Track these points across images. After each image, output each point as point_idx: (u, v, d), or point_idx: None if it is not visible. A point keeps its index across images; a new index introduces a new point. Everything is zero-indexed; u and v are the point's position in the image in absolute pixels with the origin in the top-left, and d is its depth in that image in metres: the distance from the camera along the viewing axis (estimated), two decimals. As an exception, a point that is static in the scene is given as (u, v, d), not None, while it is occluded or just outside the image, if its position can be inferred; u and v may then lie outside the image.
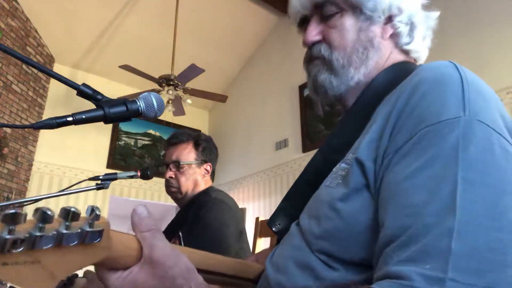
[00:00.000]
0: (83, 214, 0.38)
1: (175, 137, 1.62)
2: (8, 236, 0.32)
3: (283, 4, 4.69)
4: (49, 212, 0.34)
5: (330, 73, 0.65)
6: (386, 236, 0.43)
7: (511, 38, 2.73)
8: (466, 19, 2.97)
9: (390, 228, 0.42)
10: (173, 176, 1.56)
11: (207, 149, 1.62)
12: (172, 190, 1.58)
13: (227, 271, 0.58)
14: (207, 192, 1.56)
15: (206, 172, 1.61)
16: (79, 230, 0.36)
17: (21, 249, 0.33)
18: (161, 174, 1.61)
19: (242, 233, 1.49)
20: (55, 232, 0.35)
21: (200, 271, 0.52)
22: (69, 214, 0.35)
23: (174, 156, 1.57)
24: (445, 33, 3.04)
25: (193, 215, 1.46)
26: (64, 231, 0.35)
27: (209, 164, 1.62)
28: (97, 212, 0.38)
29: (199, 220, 1.40)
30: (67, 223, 0.35)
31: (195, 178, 1.57)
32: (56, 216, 0.35)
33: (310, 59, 0.69)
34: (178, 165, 1.56)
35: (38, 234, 0.33)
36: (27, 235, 0.33)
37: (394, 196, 0.44)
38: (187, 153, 1.58)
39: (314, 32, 0.67)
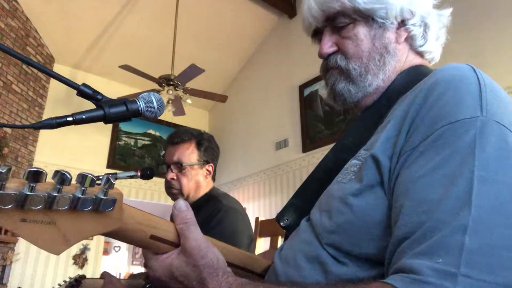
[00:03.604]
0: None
1: (177, 136, 1.55)
2: (29, 193, 0.34)
3: (283, 4, 4.69)
4: (67, 175, 0.36)
5: (348, 81, 0.67)
6: (401, 232, 0.43)
7: (511, 37, 2.73)
8: (466, 18, 2.97)
9: (406, 224, 0.43)
10: (175, 177, 1.51)
11: (209, 149, 1.57)
12: (174, 191, 1.53)
13: (235, 262, 0.58)
14: (215, 197, 1.51)
15: (208, 173, 1.56)
16: (94, 197, 0.38)
17: (39, 207, 0.35)
18: (161, 174, 1.58)
19: (252, 240, 1.45)
20: (71, 195, 0.37)
21: None
22: (85, 180, 0.37)
23: (176, 156, 1.52)
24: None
25: (204, 221, 1.40)
26: (80, 195, 0.37)
27: (211, 164, 1.57)
28: (112, 181, 0.40)
29: (212, 228, 1.36)
30: (83, 188, 0.37)
31: (197, 179, 1.52)
32: (73, 181, 0.37)
33: (327, 69, 0.71)
34: (180, 166, 1.50)
35: (56, 194, 0.35)
36: (46, 194, 0.35)
37: (410, 193, 0.45)
38: (189, 154, 1.52)
39: (328, 44, 0.68)
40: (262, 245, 1.49)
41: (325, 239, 0.53)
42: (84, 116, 0.55)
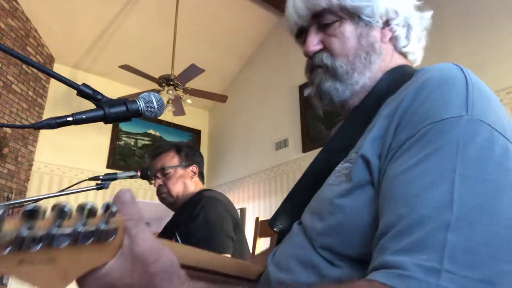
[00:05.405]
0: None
1: (157, 148, 1.69)
2: (27, 233, 0.31)
3: (283, 4, 4.69)
4: (66, 209, 0.33)
5: (335, 79, 0.66)
6: (382, 227, 0.44)
7: (510, 37, 2.73)
8: (465, 19, 2.97)
9: (386, 218, 0.44)
10: (162, 183, 1.61)
11: (189, 153, 1.68)
12: (163, 196, 1.63)
13: (230, 272, 0.58)
14: (200, 192, 1.61)
15: (193, 174, 1.66)
16: (95, 228, 0.35)
17: (39, 247, 0.32)
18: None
19: (238, 224, 1.53)
20: (72, 230, 0.33)
21: (204, 271, 0.52)
22: (86, 211, 0.34)
23: (159, 164, 1.63)
24: (444, 33, 3.03)
25: (188, 215, 1.50)
26: (81, 229, 0.34)
27: (195, 165, 1.67)
28: (113, 210, 0.36)
29: (195, 219, 1.44)
30: (83, 220, 0.34)
31: (183, 180, 1.62)
32: (73, 212, 0.34)
33: (312, 68, 0.70)
34: (163, 171, 1.61)
35: (56, 231, 0.32)
36: (46, 233, 0.32)
37: (392, 189, 0.45)
38: (170, 159, 1.64)
39: (314, 42, 0.68)
40: (262, 245, 1.49)
41: (317, 242, 0.52)
42: (84, 116, 0.55)
